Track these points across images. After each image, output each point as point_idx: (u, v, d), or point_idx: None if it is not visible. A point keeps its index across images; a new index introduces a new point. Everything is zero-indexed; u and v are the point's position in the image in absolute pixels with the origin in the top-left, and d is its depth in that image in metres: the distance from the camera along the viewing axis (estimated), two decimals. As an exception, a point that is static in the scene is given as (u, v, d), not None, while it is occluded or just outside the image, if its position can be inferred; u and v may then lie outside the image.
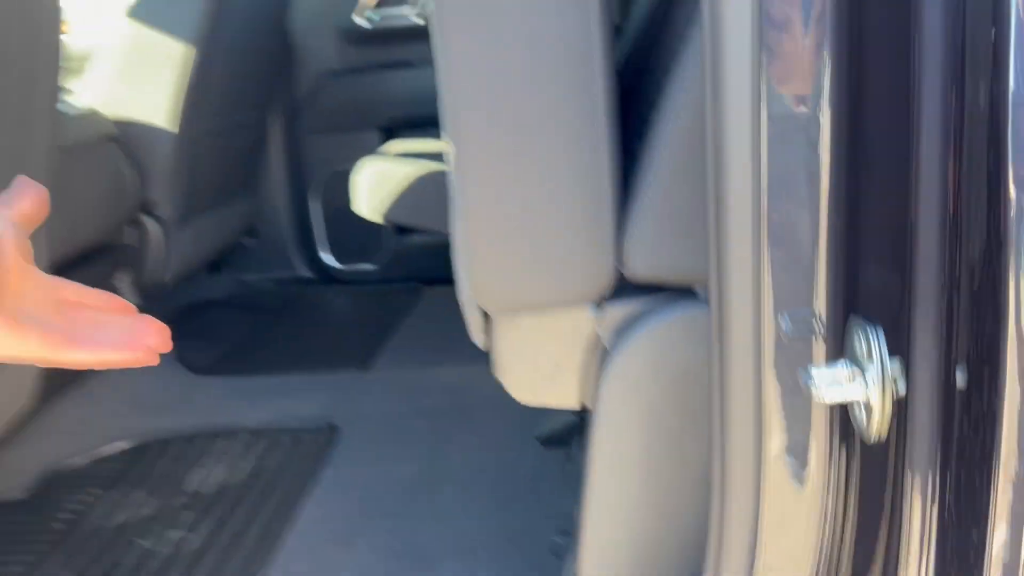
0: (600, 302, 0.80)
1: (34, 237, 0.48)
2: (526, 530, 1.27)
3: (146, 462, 1.56)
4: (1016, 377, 0.45)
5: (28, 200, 0.47)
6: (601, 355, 0.81)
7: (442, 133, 0.87)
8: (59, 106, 1.43)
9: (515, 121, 0.73)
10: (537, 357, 0.83)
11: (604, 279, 0.77)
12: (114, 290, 1.69)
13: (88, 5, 2.28)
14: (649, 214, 0.76)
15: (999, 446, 0.46)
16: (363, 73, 2.35)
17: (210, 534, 1.34)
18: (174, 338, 0.48)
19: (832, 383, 0.55)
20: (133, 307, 0.53)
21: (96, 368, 0.52)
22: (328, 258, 2.45)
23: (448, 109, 0.74)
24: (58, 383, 1.66)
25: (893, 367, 0.53)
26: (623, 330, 0.79)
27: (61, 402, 1.69)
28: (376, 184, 1.74)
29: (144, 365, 0.53)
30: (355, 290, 2.41)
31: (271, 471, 1.49)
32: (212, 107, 1.96)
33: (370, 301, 2.36)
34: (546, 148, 0.74)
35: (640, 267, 0.77)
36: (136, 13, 1.83)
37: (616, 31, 1.30)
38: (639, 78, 1.02)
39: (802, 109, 0.56)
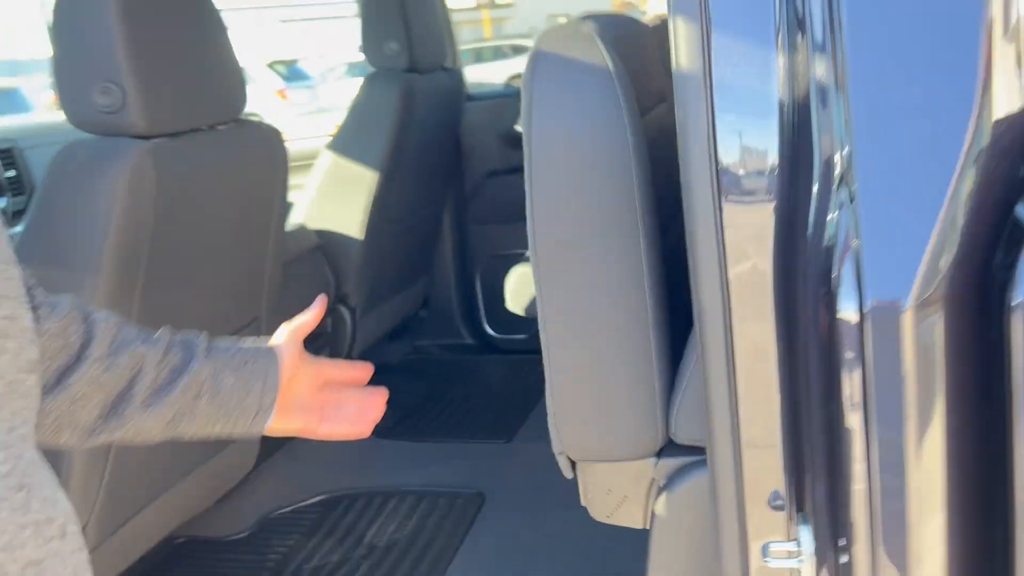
0: (658, 454, 1.07)
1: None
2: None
3: (336, 515, 1.96)
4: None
5: (302, 315, 0.80)
6: (656, 490, 1.08)
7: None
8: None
9: (583, 322, 1.03)
10: (610, 490, 1.11)
11: (657, 443, 1.05)
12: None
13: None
14: (688, 393, 1.03)
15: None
16: (521, 172, 2.71)
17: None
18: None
19: (779, 556, 0.80)
20: (371, 368, 0.82)
21: (333, 440, 0.81)
22: (488, 328, 2.82)
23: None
24: (272, 446, 2.10)
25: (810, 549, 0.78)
26: (673, 476, 1.06)
27: (272, 460, 2.13)
28: (520, 285, 2.07)
29: (364, 437, 0.82)
30: (510, 358, 2.76)
31: (429, 531, 1.85)
32: (395, 213, 2.37)
33: (520, 367, 2.69)
34: (609, 341, 1.03)
35: (682, 436, 1.03)
36: (334, 145, 2.27)
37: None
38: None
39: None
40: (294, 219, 2.26)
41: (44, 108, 5.72)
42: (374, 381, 0.85)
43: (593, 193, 1.00)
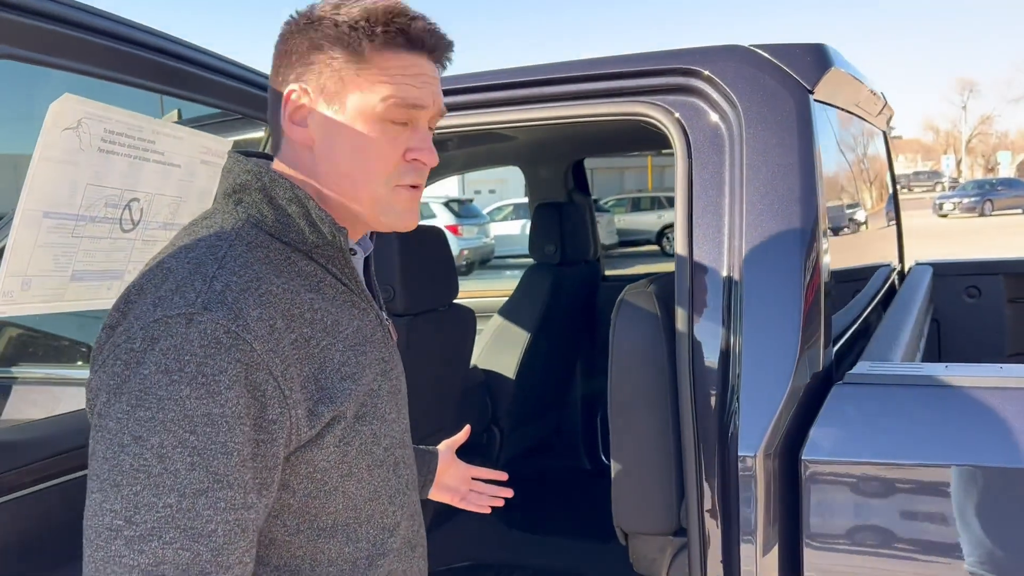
0: (674, 533, 1.81)
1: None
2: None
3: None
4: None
5: (457, 435, 1.64)
6: (673, 553, 1.81)
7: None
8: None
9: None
10: (647, 552, 1.85)
11: (674, 527, 1.79)
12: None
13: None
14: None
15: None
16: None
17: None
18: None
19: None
20: (505, 476, 1.67)
21: (465, 509, 1.66)
22: (603, 457, 3.57)
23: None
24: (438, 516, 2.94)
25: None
26: (680, 546, 1.80)
27: (437, 527, 2.96)
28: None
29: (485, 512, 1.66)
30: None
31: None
32: (539, 363, 3.22)
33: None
34: (648, 468, 1.80)
35: (685, 523, 1.79)
36: (502, 312, 3.19)
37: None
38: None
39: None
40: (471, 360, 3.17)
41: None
42: (509, 485, 1.65)
43: (643, 377, 1.81)
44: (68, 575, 1.16)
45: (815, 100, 1.56)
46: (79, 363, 2.68)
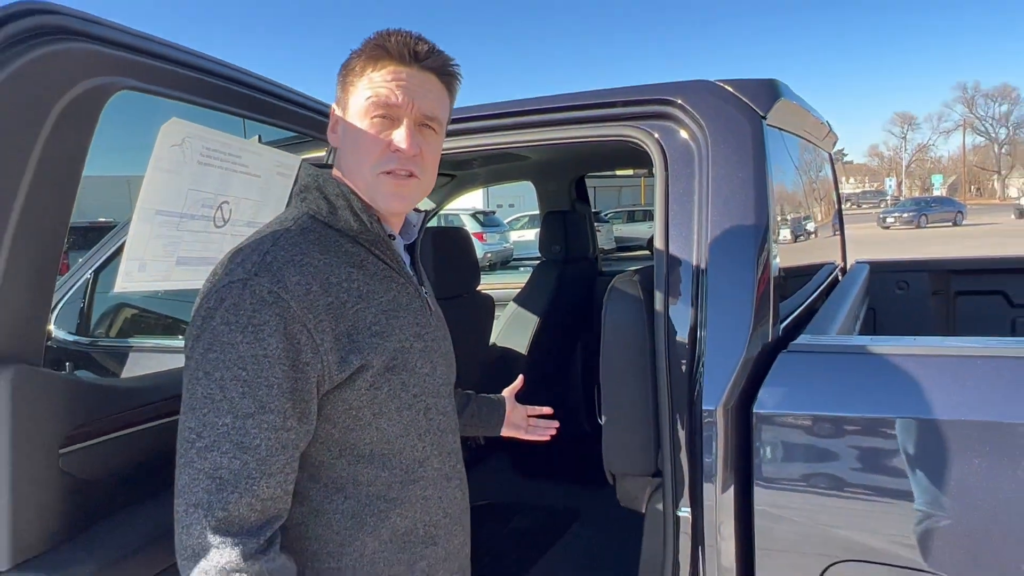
0: (653, 475, 1.85)
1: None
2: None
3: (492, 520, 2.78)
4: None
5: (514, 384, 1.72)
6: (651, 489, 1.85)
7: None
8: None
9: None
10: (631, 490, 1.89)
11: (652, 469, 1.83)
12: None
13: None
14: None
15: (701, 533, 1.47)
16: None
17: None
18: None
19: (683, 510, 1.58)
20: (551, 410, 1.73)
21: (529, 439, 1.74)
22: (599, 419, 3.59)
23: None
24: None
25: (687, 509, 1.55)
26: (657, 486, 1.83)
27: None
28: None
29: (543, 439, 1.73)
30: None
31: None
32: (546, 342, 3.26)
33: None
34: (633, 419, 1.84)
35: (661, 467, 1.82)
36: (516, 300, 3.23)
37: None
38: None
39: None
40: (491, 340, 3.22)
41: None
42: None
43: (628, 348, 1.84)
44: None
45: (768, 125, 1.58)
46: (178, 336, 2.75)
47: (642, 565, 1.75)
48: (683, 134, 1.60)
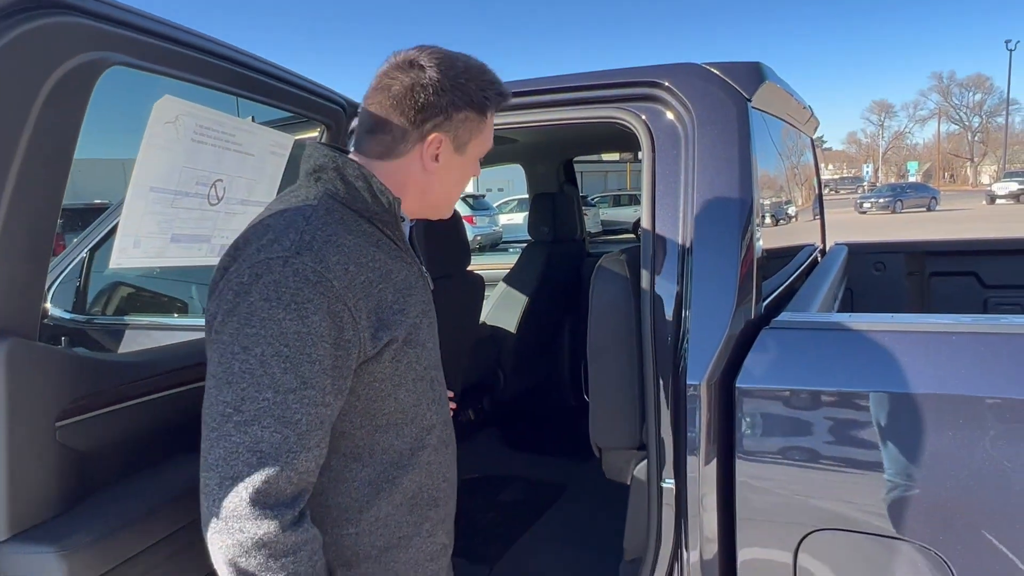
0: (638, 448, 1.86)
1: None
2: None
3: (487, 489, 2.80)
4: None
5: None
6: (636, 461, 1.85)
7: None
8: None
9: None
10: (616, 463, 1.89)
11: (637, 443, 1.83)
12: (484, 407, 3.02)
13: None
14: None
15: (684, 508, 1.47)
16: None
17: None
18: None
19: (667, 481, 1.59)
20: (453, 394, 1.72)
21: None
22: (586, 396, 3.61)
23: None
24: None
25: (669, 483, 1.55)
26: (641, 457, 1.84)
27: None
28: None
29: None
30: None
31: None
32: (534, 321, 3.25)
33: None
34: (619, 393, 1.84)
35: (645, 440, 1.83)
36: (506, 280, 3.22)
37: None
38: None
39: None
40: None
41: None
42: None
43: (615, 325, 1.84)
44: (178, 463, 1.21)
45: (752, 107, 1.57)
46: (173, 314, 2.73)
47: (627, 534, 1.76)
48: (670, 116, 1.59)
